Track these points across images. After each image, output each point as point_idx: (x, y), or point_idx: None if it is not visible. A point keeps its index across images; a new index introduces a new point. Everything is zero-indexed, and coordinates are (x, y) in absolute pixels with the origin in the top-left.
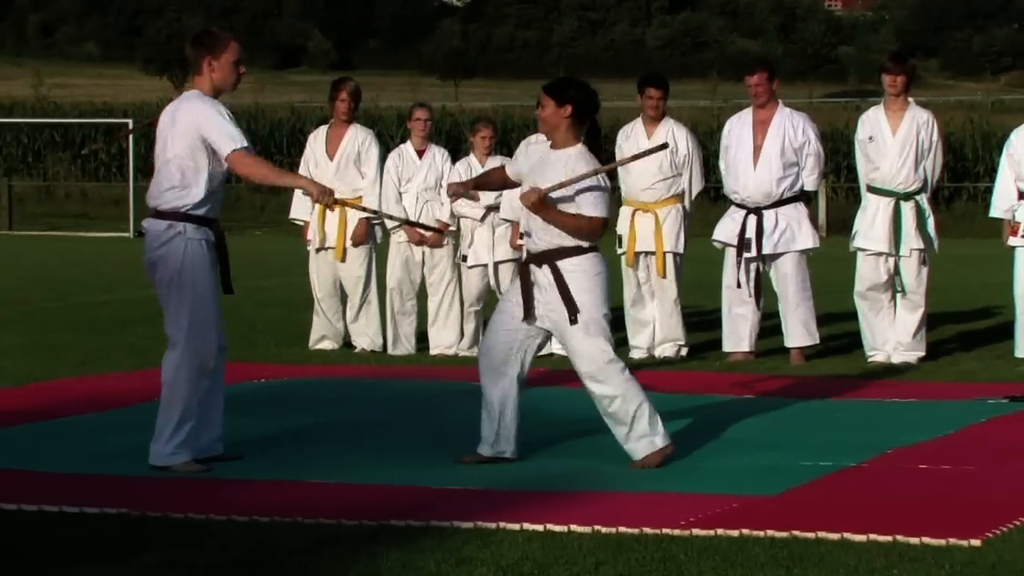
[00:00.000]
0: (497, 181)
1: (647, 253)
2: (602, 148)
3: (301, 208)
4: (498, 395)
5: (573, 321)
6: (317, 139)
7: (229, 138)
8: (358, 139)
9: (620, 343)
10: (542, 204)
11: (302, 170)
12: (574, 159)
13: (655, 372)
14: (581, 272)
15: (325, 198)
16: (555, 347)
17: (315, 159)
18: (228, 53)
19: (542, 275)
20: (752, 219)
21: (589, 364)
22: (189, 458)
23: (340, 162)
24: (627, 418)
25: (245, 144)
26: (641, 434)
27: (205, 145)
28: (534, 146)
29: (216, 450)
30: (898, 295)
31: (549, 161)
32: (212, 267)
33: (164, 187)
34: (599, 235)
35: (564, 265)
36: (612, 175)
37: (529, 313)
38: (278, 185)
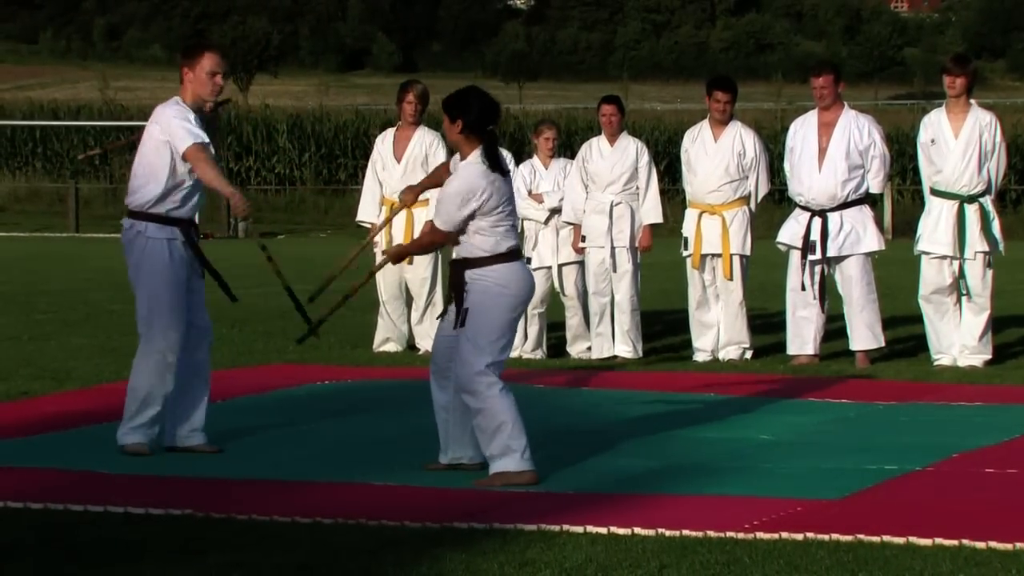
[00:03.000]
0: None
1: (713, 255)
2: (499, 158)
3: (368, 210)
4: (442, 401)
5: (461, 324)
6: (384, 142)
7: (186, 134)
8: (425, 141)
9: (684, 345)
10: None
11: (370, 172)
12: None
13: (719, 375)
14: (485, 284)
15: (245, 209)
16: (618, 350)
17: (382, 161)
18: (202, 63)
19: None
20: (817, 221)
21: (463, 373)
22: (143, 441)
23: (407, 164)
24: (483, 434)
25: (202, 141)
26: (494, 453)
27: (168, 146)
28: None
29: (193, 440)
30: (963, 298)
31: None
32: (179, 267)
33: (131, 188)
34: (443, 243)
35: (472, 273)
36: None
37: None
38: (217, 189)
